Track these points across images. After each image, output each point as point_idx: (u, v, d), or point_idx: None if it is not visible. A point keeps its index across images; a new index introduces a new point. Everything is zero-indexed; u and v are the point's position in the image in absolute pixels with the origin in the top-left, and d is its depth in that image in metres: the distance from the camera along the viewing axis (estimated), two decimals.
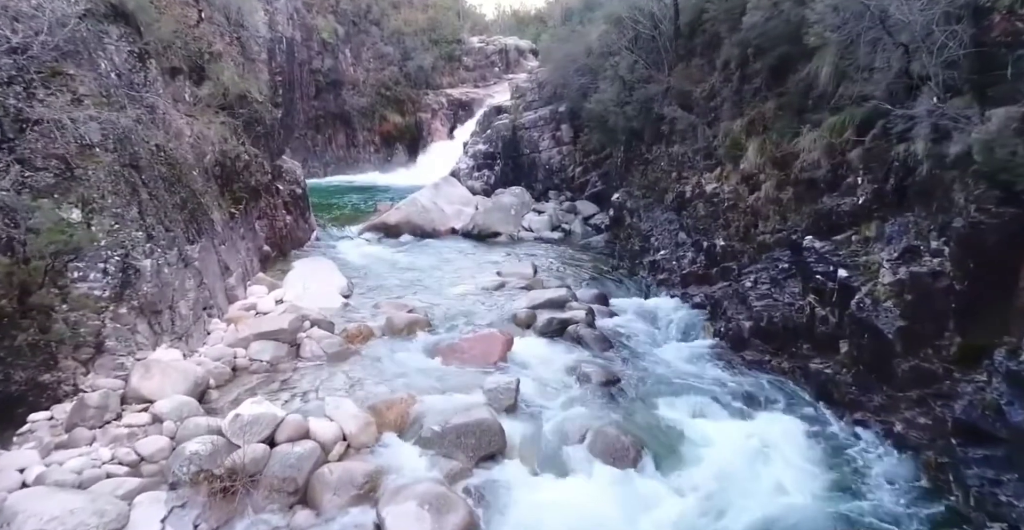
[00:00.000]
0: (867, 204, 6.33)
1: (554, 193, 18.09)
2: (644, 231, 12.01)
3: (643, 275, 11.03)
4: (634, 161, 14.15)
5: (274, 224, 11.87)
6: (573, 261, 12.44)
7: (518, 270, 10.96)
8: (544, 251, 13.40)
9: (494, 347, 7.43)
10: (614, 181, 15.55)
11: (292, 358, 7.03)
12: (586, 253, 13.20)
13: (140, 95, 7.63)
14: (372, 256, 12.59)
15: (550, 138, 18.82)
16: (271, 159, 12.72)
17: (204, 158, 8.78)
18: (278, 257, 11.87)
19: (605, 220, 15.22)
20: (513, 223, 14.97)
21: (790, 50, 8.40)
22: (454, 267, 11.75)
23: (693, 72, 11.62)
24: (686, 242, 10.36)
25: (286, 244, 12.44)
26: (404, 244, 13.99)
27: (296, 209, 13.16)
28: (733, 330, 7.52)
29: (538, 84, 20.34)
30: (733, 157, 9.67)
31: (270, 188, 11.86)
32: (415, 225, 14.76)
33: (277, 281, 9.66)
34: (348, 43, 28.54)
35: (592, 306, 9.05)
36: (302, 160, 27.85)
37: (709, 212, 9.87)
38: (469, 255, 12.88)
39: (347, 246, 13.61)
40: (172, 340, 6.45)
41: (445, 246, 13.81)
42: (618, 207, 14.21)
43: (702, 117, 11.05)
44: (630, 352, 7.64)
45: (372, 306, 9.04)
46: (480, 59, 32.50)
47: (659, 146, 12.83)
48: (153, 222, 6.74)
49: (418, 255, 12.84)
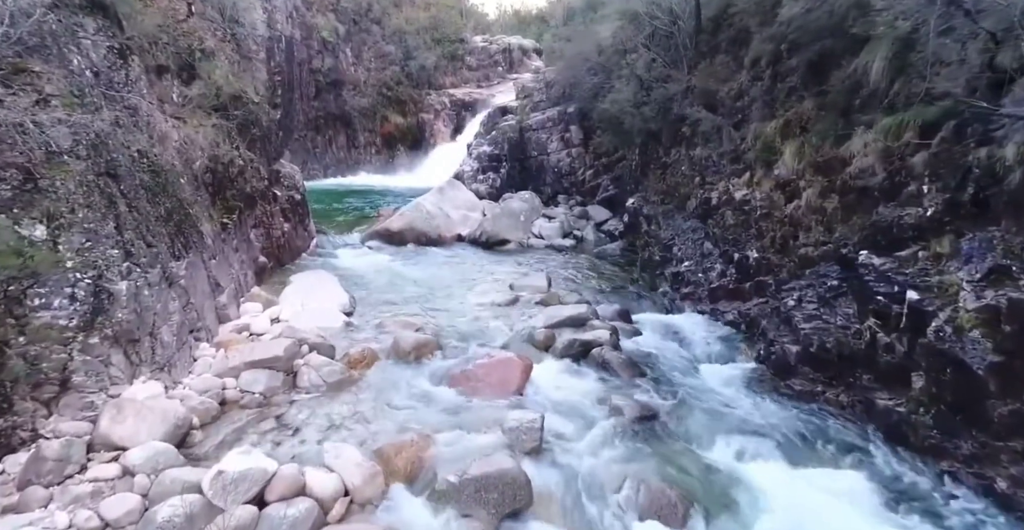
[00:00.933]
0: (937, 216, 5.58)
1: (563, 197, 17.36)
2: (664, 240, 11.27)
3: (665, 288, 10.28)
4: (650, 165, 13.42)
5: (271, 233, 11.14)
6: (588, 271, 11.69)
7: (531, 283, 10.21)
8: (556, 260, 12.65)
9: (512, 374, 6.69)
10: (628, 185, 14.82)
11: (288, 389, 6.29)
12: (601, 262, 12.45)
13: (120, 95, 6.89)
14: (375, 266, 11.85)
15: (559, 140, 18.09)
16: (268, 163, 12.00)
17: (193, 164, 8.04)
18: (275, 268, 11.14)
19: (619, 226, 14.48)
20: (522, 229, 14.23)
21: (833, 44, 7.68)
22: (462, 278, 11.01)
23: (717, 70, 10.87)
24: (713, 253, 9.61)
25: (284, 254, 11.71)
26: (408, 252, 13.24)
27: (295, 216, 12.42)
28: (777, 354, 6.77)
29: (545, 84, 19.61)
30: (765, 161, 8.93)
31: (267, 194, 11.12)
32: (419, 232, 14.03)
33: (273, 297, 8.91)
34: (349, 42, 27.82)
35: (614, 324, 8.30)
36: (302, 162, 27.15)
37: (739, 221, 9.12)
38: (478, 265, 12.14)
39: (349, 255, 12.87)
40: (152, 371, 5.71)
41: (452, 254, 13.07)
42: (633, 213, 13.49)
43: (728, 118, 10.31)
44: (662, 379, 6.89)
45: (376, 325, 8.29)
46: (483, 58, 31.79)
47: (679, 149, 12.09)
48: (132, 237, 6.00)
49: (424, 265, 12.10)
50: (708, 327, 8.37)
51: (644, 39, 12.85)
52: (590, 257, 12.87)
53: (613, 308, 9.00)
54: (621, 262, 12.38)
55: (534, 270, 11.64)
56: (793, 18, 8.16)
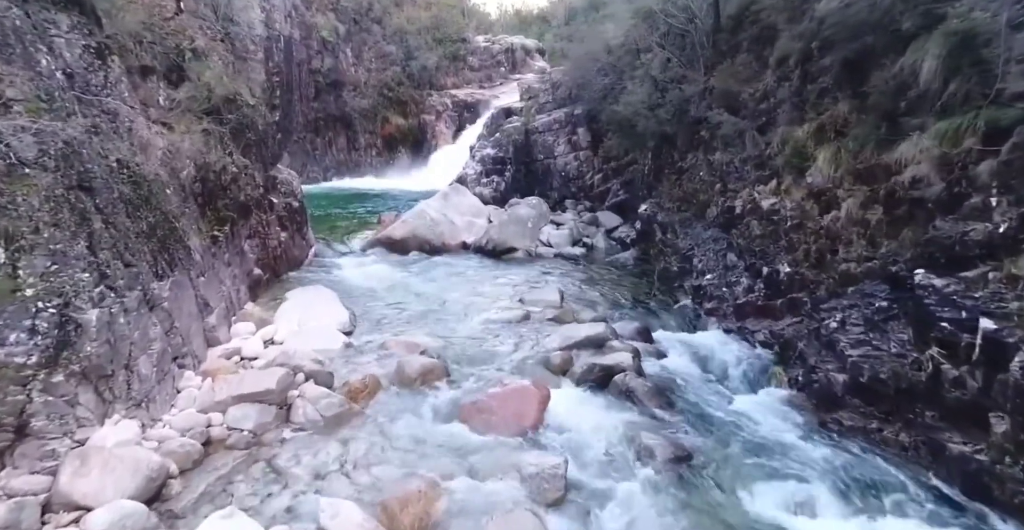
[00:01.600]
0: (1011, 232, 4.95)
1: (571, 202, 16.72)
2: (683, 250, 10.63)
3: (686, 302, 9.64)
4: (664, 169, 12.79)
5: (267, 243, 10.51)
6: (601, 283, 11.05)
7: (543, 297, 9.58)
8: (566, 270, 12.02)
9: (528, 406, 6.07)
10: (640, 191, 14.18)
11: (281, 424, 5.66)
12: (614, 273, 11.81)
13: (98, 99, 6.28)
14: (377, 277, 11.22)
15: (566, 143, 17.45)
16: (264, 169, 11.38)
17: (181, 173, 7.41)
18: (272, 280, 10.51)
19: (631, 234, 13.84)
20: (530, 237, 13.60)
21: (874, 41, 7.04)
22: (469, 291, 10.38)
23: (739, 71, 10.24)
24: (738, 265, 8.98)
25: (281, 265, 11.09)
26: (412, 262, 12.61)
27: (292, 224, 11.80)
28: (820, 383, 6.13)
29: (552, 85, 18.97)
30: (795, 168, 8.30)
31: (262, 203, 10.50)
32: (423, 240, 13.40)
33: (268, 314, 8.29)
34: (349, 42, 27.21)
35: (636, 345, 7.67)
36: (301, 164, 26.57)
37: (767, 231, 8.48)
38: (484, 275, 11.51)
39: (349, 265, 12.24)
40: (128, 408, 5.08)
41: (457, 264, 12.44)
42: (646, 220, 12.86)
43: (752, 121, 9.67)
44: (693, 410, 6.25)
45: (378, 345, 7.66)
46: (486, 59, 31.15)
47: (696, 154, 11.46)
48: (108, 257, 5.38)
49: (428, 276, 11.47)
50: (737, 348, 7.73)
51: (658, 38, 12.21)
52: (602, 267, 12.23)
53: (632, 326, 8.36)
54: (636, 273, 11.74)
55: (544, 282, 11.00)
56: (829, 13, 7.52)
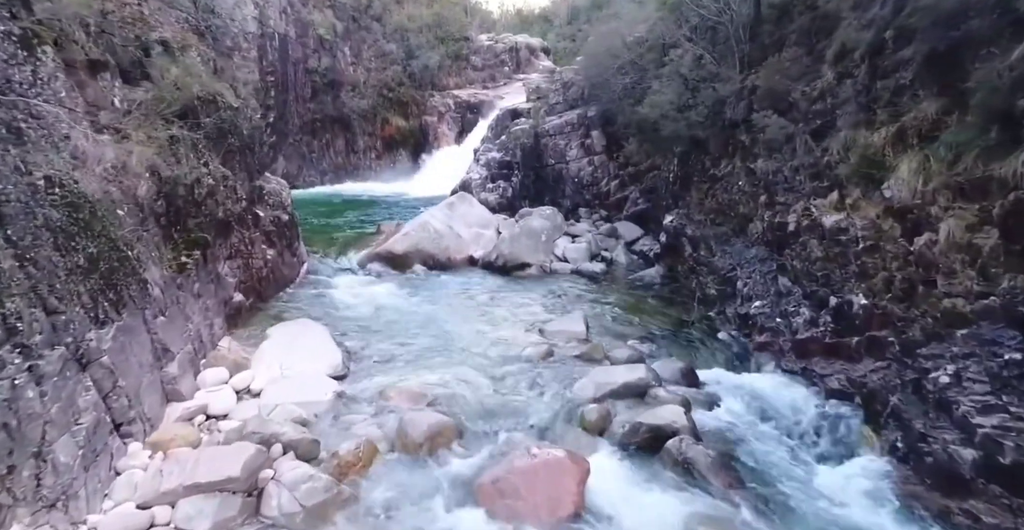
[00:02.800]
0: None
1: (585, 211, 15.41)
2: (722, 270, 9.33)
3: (731, 333, 8.34)
4: (693, 177, 11.48)
5: (250, 264, 9.21)
6: (627, 307, 9.75)
7: (566, 327, 8.29)
8: (587, 290, 10.71)
9: (563, 485, 4.77)
10: (663, 200, 12.87)
11: (248, 518, 4.36)
12: (640, 294, 10.50)
13: (23, 100, 4.98)
14: (375, 300, 9.91)
15: (579, 147, 16.14)
16: (250, 179, 10.08)
17: (137, 189, 6.10)
18: (256, 306, 9.21)
19: (654, 247, 12.54)
20: (544, 251, 12.30)
21: (979, 27, 5.75)
22: (480, 317, 9.08)
23: (787, 66, 8.93)
24: (793, 292, 7.68)
25: (267, 287, 9.78)
26: (414, 280, 11.31)
27: (281, 240, 10.49)
28: (936, 458, 4.82)
29: (563, 84, 17.67)
30: (866, 178, 7.00)
31: (245, 218, 9.19)
32: (427, 254, 12.09)
33: (246, 353, 6.99)
34: (347, 40, 25.85)
35: (681, 391, 6.39)
36: (297, 168, 25.22)
37: (831, 254, 7.18)
38: (496, 297, 10.20)
39: (345, 284, 10.93)
40: (36, 512, 3.79)
41: (464, 283, 11.13)
42: (673, 233, 11.56)
43: (804, 124, 8.38)
44: (769, 490, 4.96)
45: (377, 394, 6.36)
46: (489, 58, 29.83)
47: (732, 160, 10.16)
48: (20, 306, 4.08)
49: (433, 298, 10.16)
50: (803, 395, 6.43)
51: (688, 32, 10.91)
52: (626, 286, 10.93)
53: (674, 366, 7.06)
54: (664, 294, 10.43)
55: (564, 305, 9.70)
56: None
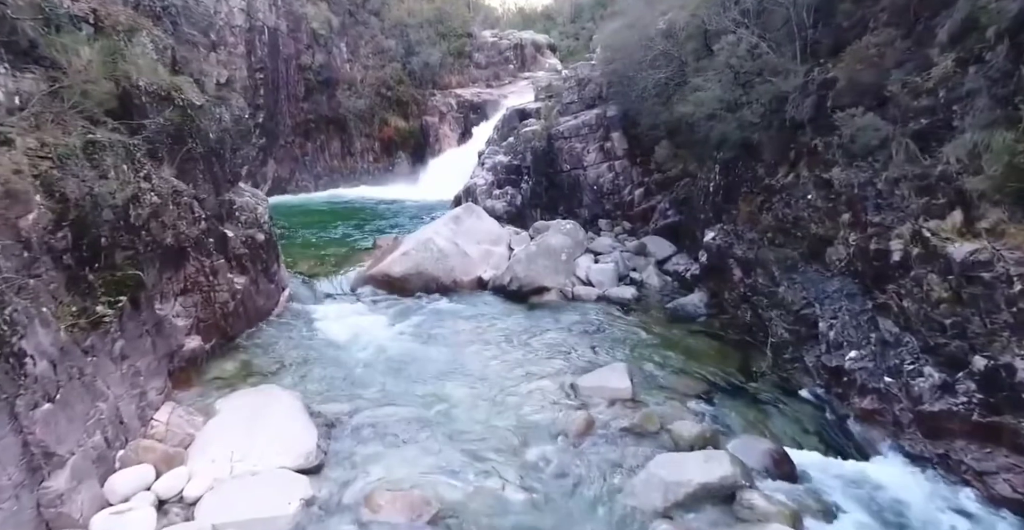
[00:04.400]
0: None
1: (606, 223, 13.58)
2: (791, 304, 7.50)
3: (817, 391, 6.51)
4: (741, 187, 9.65)
5: (213, 297, 7.36)
6: (671, 347, 7.93)
7: (605, 382, 6.47)
8: (618, 323, 8.89)
9: None
10: (700, 212, 11.04)
11: None
12: (683, 329, 8.67)
13: None
14: (368, 338, 8.09)
15: (597, 150, 14.31)
16: (216, 192, 8.25)
17: (20, 220, 4.26)
18: (219, 349, 7.38)
19: (690, 267, 10.72)
20: (564, 273, 10.47)
21: None
22: (495, 364, 7.26)
23: (875, 53, 7.13)
24: (906, 342, 5.85)
25: (236, 323, 7.93)
26: (414, 310, 9.48)
27: (255, 265, 8.65)
28: None
29: (577, 81, 15.82)
30: (1015, 196, 5.23)
31: (206, 241, 7.34)
32: (429, 277, 10.26)
33: (190, 427, 5.16)
34: (343, 36, 23.99)
35: (783, 494, 4.58)
36: (289, 172, 23.30)
37: (967, 297, 5.36)
38: (512, 333, 8.37)
39: (333, 315, 9.10)
40: None
41: (474, 313, 9.30)
42: (716, 253, 9.73)
43: (903, 124, 6.58)
44: None
45: (360, 501, 4.53)
46: (493, 55, 27.99)
47: (796, 168, 8.35)
48: None
49: (436, 334, 8.33)
50: (948, 497, 4.62)
51: (738, 15, 9.07)
52: (665, 319, 9.09)
53: (761, 448, 5.25)
54: (712, 328, 8.60)
55: (595, 345, 7.88)
56: None
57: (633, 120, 13.72)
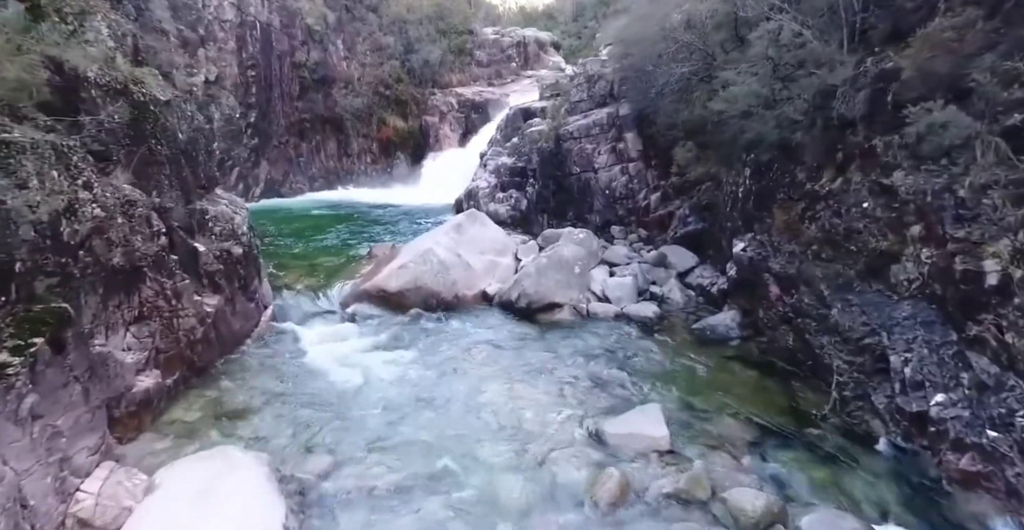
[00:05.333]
0: None
1: (620, 230, 12.48)
2: (849, 331, 6.39)
3: (894, 440, 5.40)
4: (777, 193, 8.54)
5: (175, 324, 6.24)
6: (708, 379, 6.83)
7: (637, 428, 5.37)
8: (642, 347, 7.79)
9: None
10: (727, 220, 9.93)
11: None
12: (717, 354, 7.57)
13: None
14: (357, 369, 6.98)
15: (609, 152, 13.20)
16: (186, 201, 7.14)
17: None
18: (182, 384, 6.26)
19: (716, 281, 9.62)
20: (578, 287, 9.37)
21: None
22: (505, 401, 6.15)
23: (950, 39, 6.02)
24: (1014, 387, 4.75)
25: (206, 351, 6.82)
26: (411, 329, 8.38)
27: (231, 282, 7.54)
28: None
29: (586, 78, 14.70)
30: None
31: (166, 259, 6.22)
32: (428, 292, 9.16)
33: (119, 513, 4.04)
34: (340, 32, 22.84)
35: None
36: (283, 173, 22.10)
37: None
38: (523, 360, 7.27)
39: (320, 337, 8.00)
40: None
41: (478, 335, 8.20)
42: (748, 266, 8.63)
43: (990, 121, 5.48)
44: None
45: None
46: (495, 53, 26.87)
47: (846, 172, 7.24)
48: None
49: (436, 361, 7.22)
50: None
51: (777, 1, 7.94)
52: (695, 342, 7.99)
53: (844, 528, 4.13)
54: (752, 354, 7.50)
55: (619, 377, 6.78)
56: None
57: (648, 119, 12.62)
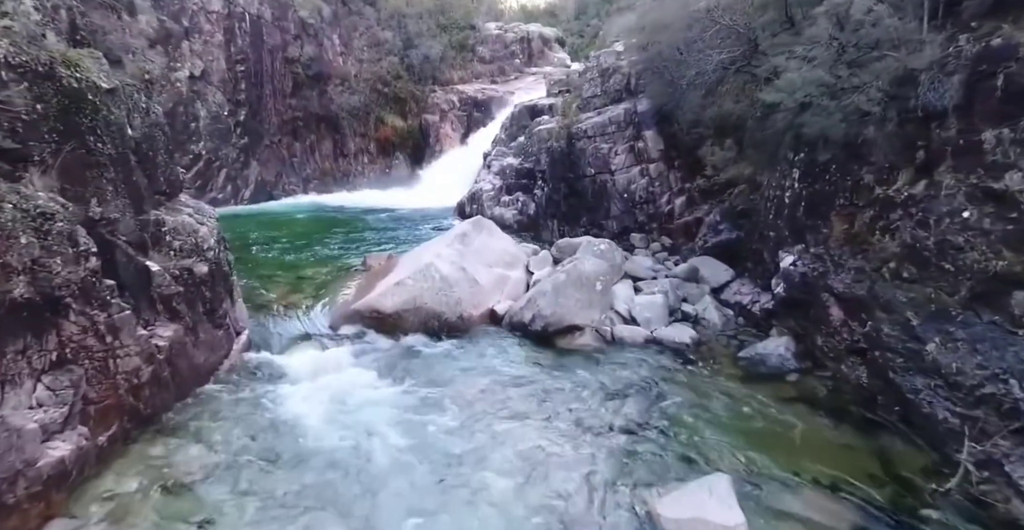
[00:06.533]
0: None
1: (640, 238, 11.17)
2: (958, 373, 5.08)
3: None
4: (835, 198, 7.21)
5: (111, 367, 4.92)
6: (766, 431, 5.52)
7: (701, 511, 4.04)
8: (678, 383, 6.48)
9: None
10: (768, 229, 8.61)
11: None
12: (769, 393, 6.23)
13: None
14: (344, 413, 5.67)
15: (627, 152, 11.88)
16: (136, 210, 5.82)
17: None
18: (120, 441, 4.96)
19: (758, 298, 8.30)
20: (600, 307, 8.06)
21: None
22: (523, 465, 4.84)
23: None
24: None
25: (157, 395, 5.49)
26: (410, 359, 7.07)
27: (194, 307, 6.22)
28: None
29: (600, 72, 13.37)
30: None
31: (95, 287, 4.89)
32: (429, 312, 7.85)
33: None
34: (335, 26, 21.50)
35: None
36: (276, 174, 20.68)
37: None
38: (542, 404, 5.95)
39: (303, 370, 6.67)
40: None
41: (487, 368, 6.88)
42: (800, 283, 7.33)
43: None
44: None
45: None
46: (498, 49, 25.56)
47: (932, 173, 5.94)
48: None
49: (439, 406, 5.90)
50: None
51: None
52: (743, 376, 6.68)
53: None
54: (819, 394, 6.17)
55: (661, 424, 5.48)
56: None
57: (667, 115, 11.31)
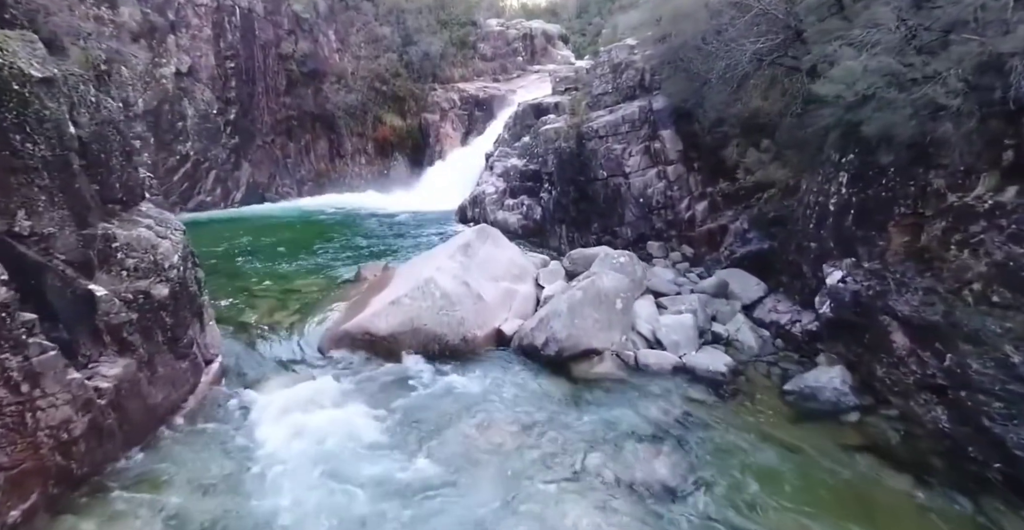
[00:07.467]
0: None
1: (658, 246, 10.16)
2: None
3: None
4: (893, 206, 6.20)
5: (28, 423, 3.90)
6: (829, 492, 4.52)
7: None
8: (713, 424, 5.48)
9: None
10: (809, 239, 7.59)
11: None
12: (827, 437, 5.24)
13: None
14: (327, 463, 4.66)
15: (642, 153, 10.87)
16: (79, 223, 4.84)
17: None
18: (50, 508, 3.96)
19: (798, 317, 7.30)
20: (620, 327, 7.05)
21: None
22: None
23: None
24: None
25: (97, 450, 4.47)
26: (407, 392, 6.06)
27: (150, 337, 5.20)
28: None
29: (612, 67, 12.34)
30: None
31: (8, 323, 3.88)
32: (428, 334, 6.85)
33: None
34: (331, 22, 20.46)
35: None
36: (269, 176, 19.61)
37: None
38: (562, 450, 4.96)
39: (281, 408, 5.66)
40: None
41: (496, 399, 5.88)
42: (852, 303, 6.33)
43: None
44: None
45: None
46: (500, 46, 24.52)
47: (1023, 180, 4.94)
48: None
49: (439, 457, 4.90)
50: None
51: None
52: (791, 416, 5.68)
53: None
54: (883, 439, 5.17)
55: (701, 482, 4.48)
56: None
57: (689, 113, 10.31)
